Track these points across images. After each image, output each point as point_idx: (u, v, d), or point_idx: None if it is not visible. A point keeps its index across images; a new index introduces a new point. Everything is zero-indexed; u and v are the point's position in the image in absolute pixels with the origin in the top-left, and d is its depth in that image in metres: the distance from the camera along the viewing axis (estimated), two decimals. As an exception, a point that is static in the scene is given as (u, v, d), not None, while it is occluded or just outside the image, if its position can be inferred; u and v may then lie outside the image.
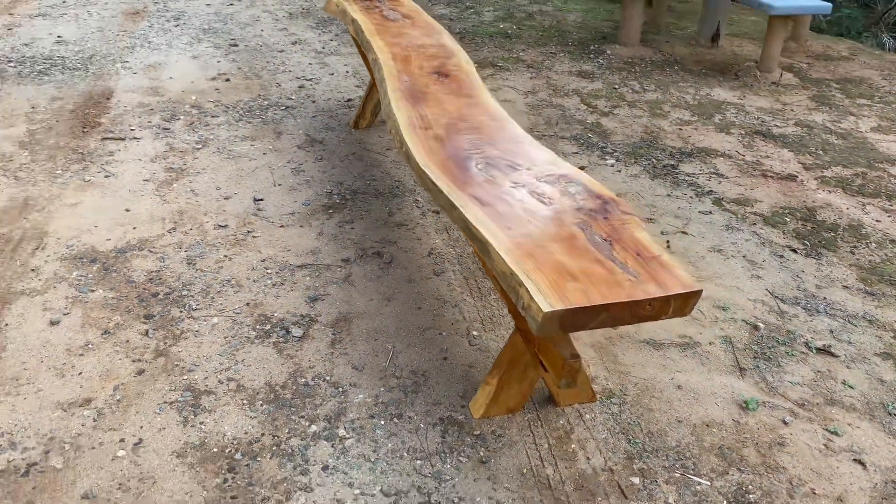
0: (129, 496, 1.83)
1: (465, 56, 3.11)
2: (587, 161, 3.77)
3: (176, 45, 5.29)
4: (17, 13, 5.93)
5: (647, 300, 1.62)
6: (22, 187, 3.27)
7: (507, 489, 1.90)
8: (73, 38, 5.36)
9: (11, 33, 5.40)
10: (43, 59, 4.87)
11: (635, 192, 3.46)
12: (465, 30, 5.98)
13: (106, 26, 5.66)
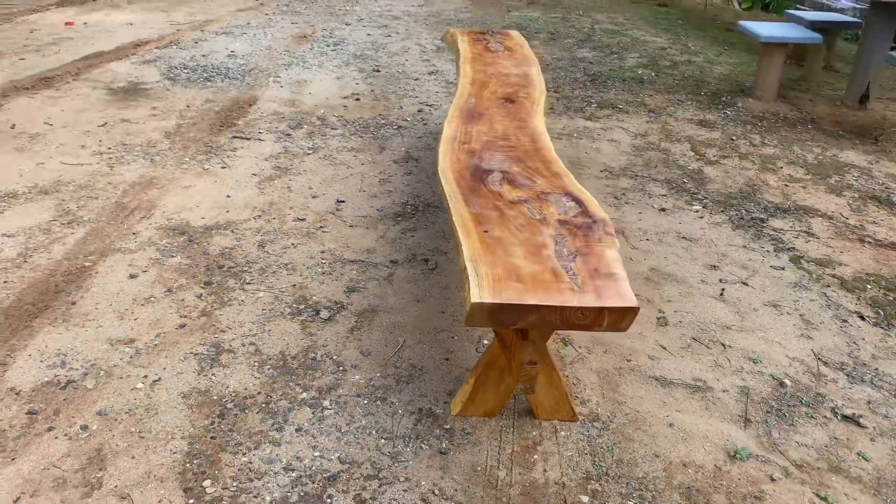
0: (131, 419, 2.13)
1: (541, 87, 3.24)
2: (671, 204, 3.72)
3: (326, 66, 5.84)
4: (207, 30, 6.83)
5: (578, 308, 1.66)
6: (153, 168, 3.81)
7: (453, 480, 1.98)
8: (243, 53, 6.09)
9: (196, 46, 6.24)
10: (212, 69, 5.59)
11: (708, 239, 3.38)
12: (600, 73, 6.06)
13: (274, 46, 6.36)
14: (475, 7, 8.81)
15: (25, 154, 3.91)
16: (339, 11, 8.16)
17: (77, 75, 5.33)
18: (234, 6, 8.14)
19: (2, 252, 2.96)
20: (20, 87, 4.99)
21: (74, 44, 6.17)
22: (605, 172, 4.09)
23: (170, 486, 1.91)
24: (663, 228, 3.47)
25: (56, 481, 1.90)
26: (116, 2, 8.08)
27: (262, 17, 7.64)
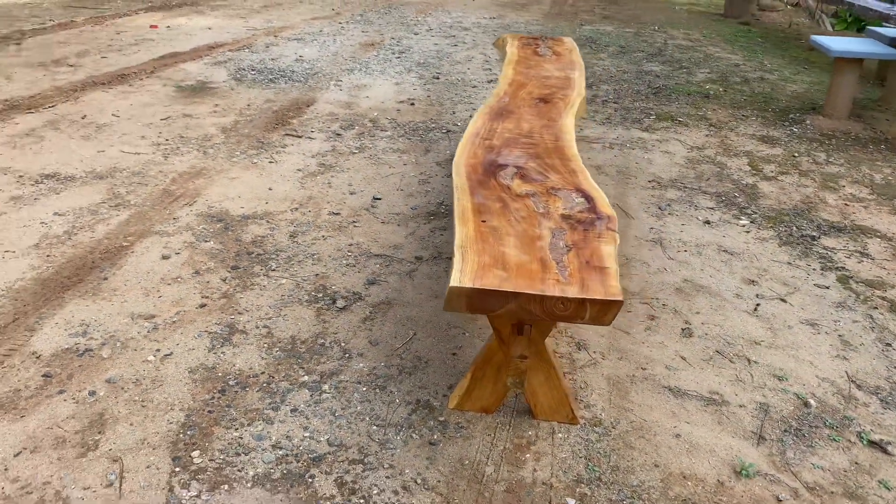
0: (137, 389, 2.19)
1: (579, 90, 3.19)
2: (717, 217, 3.58)
3: (388, 72, 5.93)
4: (281, 36, 7.05)
5: (559, 298, 1.62)
6: (204, 160, 3.95)
7: (438, 471, 1.95)
8: (310, 57, 6.25)
9: (267, 50, 6.45)
10: (278, 71, 5.77)
11: (751, 254, 3.23)
12: (665, 86, 5.92)
13: (341, 52, 6.51)
14: (547, 20, 8.79)
15: (90, 142, 4.12)
16: (410, 22, 8.29)
17: (151, 73, 5.59)
18: (310, 14, 8.38)
19: (50, 229, 3.12)
20: (97, 83, 5.27)
21: (154, 45, 6.49)
22: (653, 183, 3.98)
23: (160, 453, 1.95)
24: (705, 241, 3.34)
25: (56, 440, 1.98)
26: (200, 7, 8.45)
27: (336, 25, 7.84)
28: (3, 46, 6.23)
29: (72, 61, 5.83)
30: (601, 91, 5.74)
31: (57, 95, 4.93)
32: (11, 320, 2.48)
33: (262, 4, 8.85)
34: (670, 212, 3.63)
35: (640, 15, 9.55)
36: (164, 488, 1.84)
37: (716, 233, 3.43)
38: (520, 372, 1.90)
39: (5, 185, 3.51)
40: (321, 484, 1.89)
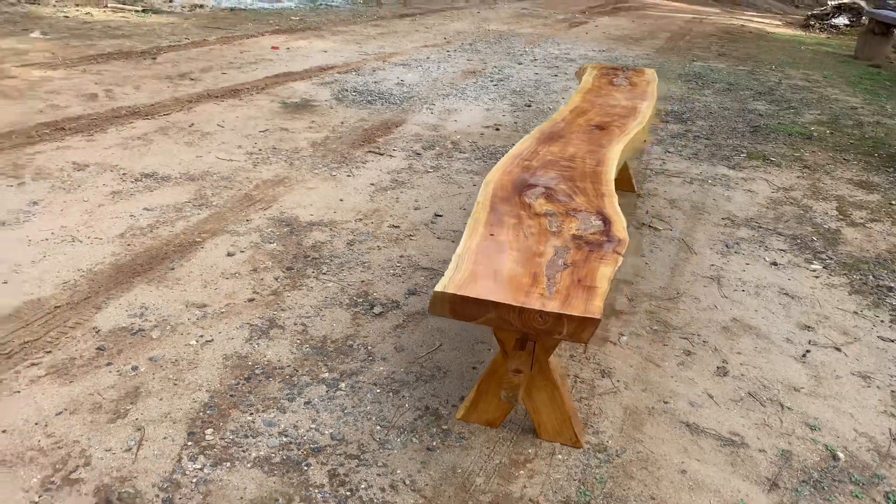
0: (173, 368, 2.39)
1: (642, 119, 3.18)
2: (787, 260, 3.44)
3: (482, 99, 6.07)
4: (389, 61, 7.37)
5: (537, 312, 1.65)
6: (288, 170, 4.21)
7: (429, 475, 2.00)
8: (410, 82, 6.50)
9: (373, 73, 6.77)
10: (377, 93, 6.04)
11: (814, 300, 3.08)
12: (766, 125, 5.72)
13: (441, 78, 6.72)
14: (658, 55, 8.67)
15: (191, 148, 4.49)
16: (517, 52, 8.42)
17: (262, 90, 6.00)
18: (422, 42, 8.70)
19: (137, 221, 3.43)
20: (212, 96, 5.72)
21: (272, 64, 6.95)
22: (727, 220, 3.87)
23: (179, 427, 2.12)
24: (767, 282, 3.22)
25: (94, 405, 2.19)
26: (322, 33, 8.96)
27: (443, 53, 8.10)
28: (141, 60, 6.87)
29: (194, 75, 6.35)
30: (695, 126, 5.62)
31: (174, 105, 5.40)
32: (83, 298, 2.76)
33: (379, 32, 9.27)
34: (737, 250, 3.51)
35: (759, 54, 9.24)
36: (173, 458, 2.00)
37: (781, 275, 3.29)
38: (513, 386, 1.93)
39: (109, 181, 3.89)
40: (314, 473, 1.98)
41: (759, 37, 11.19)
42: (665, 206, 4.03)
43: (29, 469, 1.93)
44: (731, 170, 4.65)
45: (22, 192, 3.67)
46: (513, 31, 10.08)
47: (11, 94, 5.39)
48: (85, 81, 5.86)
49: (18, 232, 3.25)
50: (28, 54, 6.76)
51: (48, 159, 4.12)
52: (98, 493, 1.85)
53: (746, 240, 3.64)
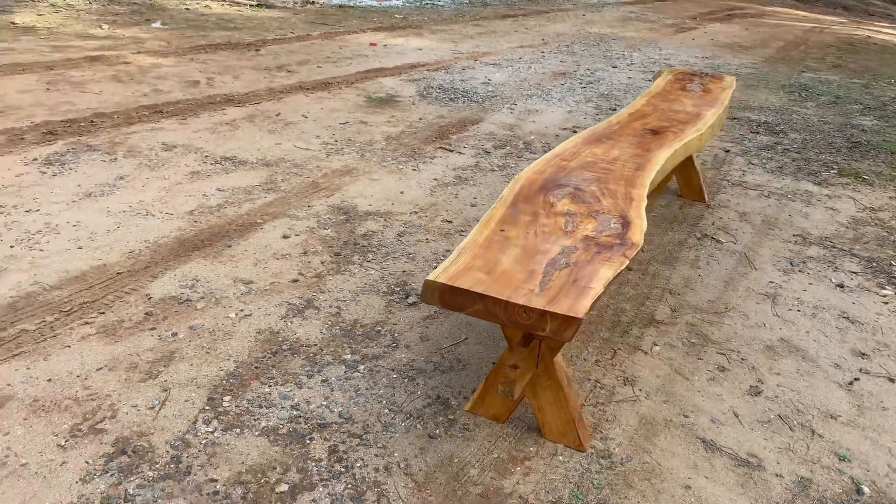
0: (209, 337, 2.53)
1: (705, 125, 3.09)
2: (856, 283, 3.24)
3: (566, 100, 6.02)
4: (480, 60, 7.43)
5: (522, 307, 1.65)
6: (358, 161, 4.35)
7: (425, 462, 2.04)
8: (497, 82, 6.53)
9: (462, 72, 6.84)
10: (461, 92, 6.11)
11: (876, 326, 2.90)
12: (868, 142, 5.38)
13: (529, 79, 6.71)
14: (765, 64, 8.30)
15: (273, 135, 4.70)
16: (615, 55, 8.28)
17: (351, 84, 6.20)
18: (518, 43, 8.70)
19: (208, 200, 3.65)
20: (303, 87, 5.96)
21: (366, 60, 7.16)
22: (798, 238, 3.68)
23: (201, 392, 2.25)
24: (827, 304, 3.05)
25: (130, 364, 2.36)
26: (421, 31, 9.13)
27: (537, 54, 8.07)
28: (245, 52, 7.24)
29: (291, 68, 6.63)
30: (787, 139, 5.35)
31: (266, 95, 5.66)
32: (143, 267, 2.97)
33: (478, 31, 9.34)
34: (802, 269, 3.34)
35: (880, 67, 8.65)
36: (189, 420, 2.13)
37: (845, 298, 3.10)
38: (509, 381, 1.93)
39: (191, 162, 4.14)
40: (315, 447, 2.06)
41: (885, 49, 10.48)
42: (734, 219, 3.87)
43: (62, 416, 2.11)
44: (817, 186, 4.41)
45: (113, 167, 3.97)
46: (615, 35, 9.90)
47: (123, 78, 5.81)
48: (190, 69, 6.24)
49: (102, 203, 3.52)
50: (146, 43, 7.26)
51: (141, 139, 4.43)
52: (116, 445, 2.00)
53: (815, 259, 3.45)
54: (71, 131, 4.47)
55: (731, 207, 4.03)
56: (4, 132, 4.36)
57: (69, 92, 5.31)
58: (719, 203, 4.08)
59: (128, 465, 1.94)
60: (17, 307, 2.62)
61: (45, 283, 2.78)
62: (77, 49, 6.71)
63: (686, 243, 3.54)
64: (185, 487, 1.88)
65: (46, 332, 2.49)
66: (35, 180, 3.73)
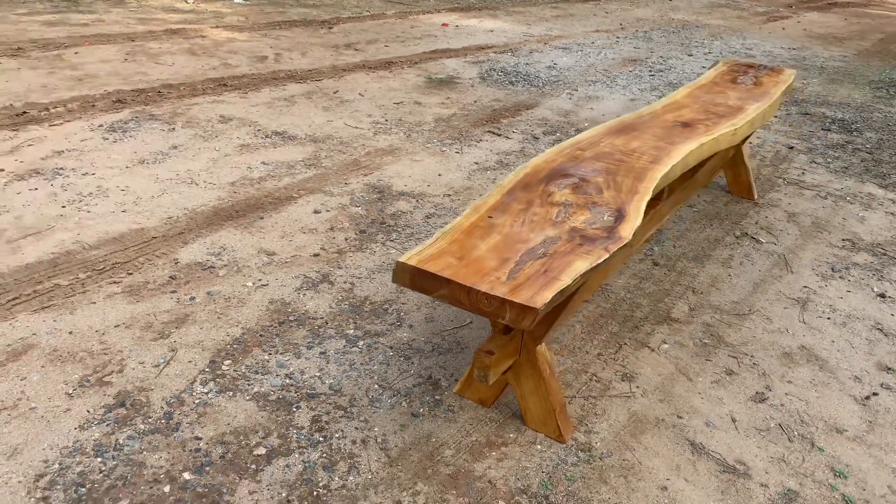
0: (224, 304, 2.65)
1: (736, 122, 2.98)
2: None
3: (630, 88, 5.88)
4: (550, 44, 7.33)
5: (483, 294, 1.66)
6: (403, 142, 4.40)
7: (401, 438, 2.09)
8: (563, 66, 6.44)
9: (529, 55, 6.78)
10: (522, 75, 6.06)
11: (910, 340, 2.74)
12: (951, 145, 5.03)
13: (597, 64, 6.59)
14: (858, 58, 7.83)
15: (326, 112, 4.81)
16: (694, 44, 8.00)
17: (414, 64, 6.24)
18: (594, 27, 8.52)
19: (251, 173, 3.78)
20: (366, 66, 6.05)
21: (435, 40, 7.19)
22: (847, 242, 3.50)
23: (205, 354, 2.37)
24: (863, 314, 2.90)
25: (146, 324, 2.50)
26: (497, 13, 9.07)
27: (612, 39, 7.89)
28: (318, 29, 7.40)
29: (359, 46, 6.74)
30: (860, 138, 5.07)
31: (329, 72, 5.78)
32: (178, 233, 3.12)
33: (555, 14, 9.20)
34: (843, 275, 3.18)
35: None
36: (188, 380, 2.25)
37: (884, 309, 2.94)
38: (483, 366, 1.94)
39: (244, 135, 4.30)
40: (300, 415, 2.14)
41: None
42: (781, 219, 3.72)
43: (75, 366, 2.26)
44: (882, 189, 4.17)
45: (170, 136, 4.17)
46: (699, 22, 9.55)
47: (196, 51, 6.05)
48: (262, 45, 6.43)
49: (152, 170, 3.71)
50: (225, 17, 7.51)
51: (201, 110, 4.62)
52: (117, 398, 2.14)
53: (861, 266, 3.28)
54: (138, 100, 4.71)
55: (781, 207, 3.86)
56: (79, 99, 4.64)
57: (144, 63, 5.57)
58: (769, 202, 3.92)
59: (123, 417, 2.07)
60: (57, 263, 2.81)
61: (85, 243, 2.97)
62: (160, 22, 7.03)
63: (722, 241, 3.42)
64: (170, 442, 1.99)
65: (77, 288, 2.66)
66: (96, 145, 3.96)
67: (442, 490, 1.91)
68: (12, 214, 3.15)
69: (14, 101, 4.49)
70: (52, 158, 3.74)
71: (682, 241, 3.38)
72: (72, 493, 1.81)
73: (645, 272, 3.09)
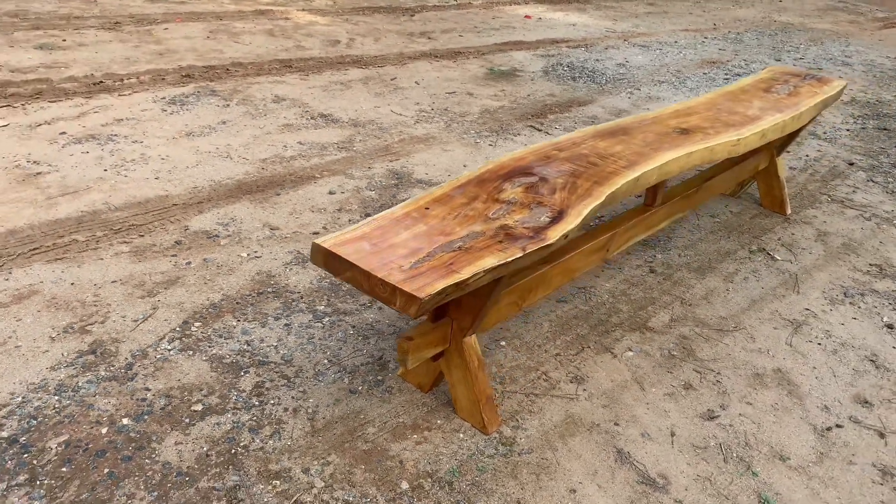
0: (216, 271, 2.84)
1: (743, 132, 2.89)
2: (912, 326, 2.89)
3: (698, 91, 5.70)
4: (630, 41, 7.18)
5: (379, 280, 1.74)
6: (440, 131, 4.48)
7: (331, 410, 2.20)
8: (635, 64, 6.31)
9: (603, 51, 6.68)
10: (587, 72, 5.99)
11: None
12: None
13: (671, 64, 6.41)
14: (972, 72, 7.21)
15: (376, 98, 4.96)
16: (788, 49, 7.60)
17: (481, 55, 6.29)
18: (684, 26, 8.25)
19: (284, 151, 3.98)
20: (432, 55, 6.16)
21: (511, 32, 7.19)
22: (874, 267, 3.31)
23: (181, 315, 2.56)
24: (859, 343, 2.76)
25: (140, 282, 2.73)
26: (587, 7, 8.93)
27: (699, 39, 7.62)
28: (400, 16, 7.56)
29: (433, 35, 6.85)
30: (936, 159, 4.71)
31: (394, 59, 5.93)
32: (197, 202, 3.35)
33: (647, 11, 8.96)
34: (854, 301, 3.02)
35: None
36: (158, 336, 2.44)
37: (888, 340, 2.78)
38: (402, 351, 2.02)
39: (290, 116, 4.51)
40: (245, 380, 2.29)
41: None
42: (808, 237, 3.54)
43: (65, 314, 2.51)
44: (939, 215, 3.88)
45: (222, 112, 4.43)
46: (804, 25, 9.04)
47: (276, 32, 6.35)
48: (339, 29, 6.66)
49: (195, 142, 3.97)
50: (314, 1, 7.81)
51: (259, 90, 4.88)
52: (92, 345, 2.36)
53: (879, 293, 3.10)
54: (205, 76, 5.02)
55: (814, 225, 3.68)
56: (152, 72, 5.00)
57: (224, 41, 5.91)
58: (803, 218, 3.74)
59: (90, 363, 2.29)
60: (82, 220, 3.09)
61: (112, 204, 3.24)
62: (252, 3, 7.39)
63: (734, 255, 3.31)
64: (122, 390, 2.19)
65: (91, 244, 2.93)
66: (153, 116, 4.27)
67: (352, 464, 2.01)
68: (60, 174, 3.47)
69: (95, 71, 4.89)
70: (111, 125, 4.07)
71: (690, 251, 3.30)
72: (24, 424, 2.03)
73: (638, 278, 3.05)
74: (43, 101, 4.33)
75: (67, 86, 4.59)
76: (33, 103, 4.27)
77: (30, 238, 2.92)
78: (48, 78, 4.69)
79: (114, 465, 1.93)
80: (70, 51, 5.28)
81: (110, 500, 1.83)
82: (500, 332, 2.61)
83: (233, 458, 1.98)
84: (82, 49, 5.34)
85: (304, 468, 1.98)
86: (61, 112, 4.18)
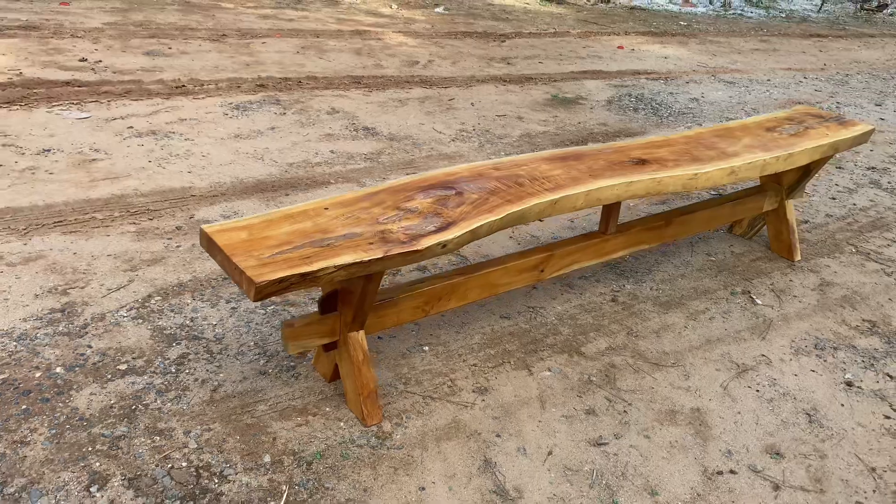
0: (197, 255, 3.16)
1: (708, 168, 2.85)
2: (879, 386, 2.72)
3: (764, 130, 5.49)
4: (716, 76, 6.99)
5: (234, 266, 1.95)
6: (470, 150, 4.63)
7: (234, 386, 2.42)
8: (710, 100, 6.16)
9: (682, 85, 6.57)
10: (655, 104, 5.92)
11: (844, 432, 2.46)
12: None
13: (750, 102, 6.20)
14: None
15: (427, 116, 5.20)
16: (894, 94, 7.09)
17: (552, 82, 6.39)
18: (788, 65, 7.89)
19: (315, 157, 4.29)
20: (502, 80, 6.33)
21: (596, 61, 7.22)
22: (867, 323, 3.11)
23: (147, 289, 2.88)
24: (804, 396, 2.63)
25: (129, 258, 3.09)
26: (689, 41, 8.74)
27: (797, 78, 7.28)
28: (489, 42, 7.79)
29: (514, 60, 7.01)
30: None
31: (463, 81, 6.15)
32: (213, 196, 3.71)
33: (754, 48, 8.64)
34: (822, 355, 2.87)
35: None
36: (121, 304, 2.77)
37: (838, 397, 2.63)
38: (283, 336, 2.20)
39: (336, 128, 4.83)
40: (172, 350, 2.56)
41: None
42: (807, 286, 3.38)
43: (57, 277, 2.90)
44: (979, 278, 3.56)
45: (276, 119, 4.83)
46: (933, 71, 8.35)
47: (362, 51, 6.76)
48: (423, 51, 6.98)
49: (239, 144, 4.37)
50: (413, 24, 8.20)
51: (320, 102, 5.26)
52: (63, 306, 2.73)
53: (856, 350, 2.92)
54: (277, 87, 5.47)
55: (821, 274, 3.49)
56: (232, 80, 5.51)
57: (310, 57, 6.38)
58: (811, 266, 3.56)
59: (55, 319, 2.65)
60: (109, 202, 3.53)
61: (140, 191, 3.67)
62: (354, 23, 7.89)
63: (711, 294, 3.23)
64: (69, 344, 2.53)
65: (106, 221, 3.34)
66: (214, 118, 4.73)
67: (229, 433, 2.21)
68: (110, 161, 3.96)
69: (181, 76, 5.47)
70: (173, 124, 4.56)
71: (666, 285, 3.25)
72: (-21, 361, 2.40)
73: (594, 305, 3.06)
74: (127, 99, 4.90)
75: (153, 87, 5.17)
76: (118, 101, 4.85)
77: (60, 213, 3.37)
78: (140, 80, 5.29)
79: (32, 404, 2.24)
80: (171, 58, 5.91)
81: (16, 430, 2.13)
82: (427, 338, 2.73)
83: (130, 413, 2.24)
84: (182, 56, 5.97)
85: (186, 430, 2.20)
86: (138, 110, 4.73)
